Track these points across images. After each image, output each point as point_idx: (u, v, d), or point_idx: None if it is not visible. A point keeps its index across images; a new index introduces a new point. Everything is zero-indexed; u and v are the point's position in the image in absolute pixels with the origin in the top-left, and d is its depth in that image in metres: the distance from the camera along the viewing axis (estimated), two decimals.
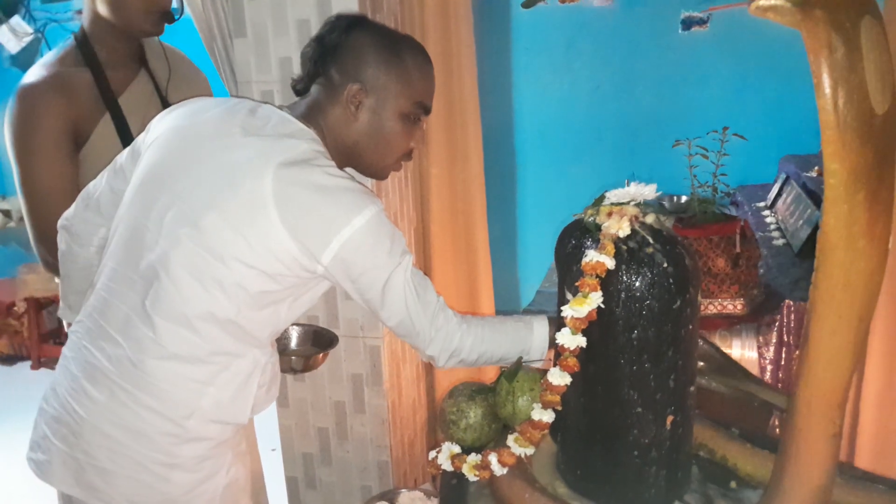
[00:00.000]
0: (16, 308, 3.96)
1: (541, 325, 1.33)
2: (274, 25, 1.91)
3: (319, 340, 1.60)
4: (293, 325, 1.60)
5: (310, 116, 1.25)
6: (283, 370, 1.53)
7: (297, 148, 1.17)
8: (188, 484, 1.25)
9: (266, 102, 1.31)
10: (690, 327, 1.19)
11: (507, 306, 2.97)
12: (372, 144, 1.26)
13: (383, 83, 1.23)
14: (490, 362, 1.33)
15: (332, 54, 1.24)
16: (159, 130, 1.29)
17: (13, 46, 3.96)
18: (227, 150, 1.18)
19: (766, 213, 2.92)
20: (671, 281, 1.13)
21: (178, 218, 1.18)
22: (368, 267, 1.18)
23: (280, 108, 1.28)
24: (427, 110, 1.29)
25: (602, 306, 1.14)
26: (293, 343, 1.60)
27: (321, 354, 1.55)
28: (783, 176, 2.96)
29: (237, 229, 1.14)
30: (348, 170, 1.30)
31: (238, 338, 1.22)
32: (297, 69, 1.91)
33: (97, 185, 1.37)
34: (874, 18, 0.83)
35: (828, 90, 0.83)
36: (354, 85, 1.22)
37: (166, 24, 1.73)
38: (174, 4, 1.74)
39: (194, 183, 1.18)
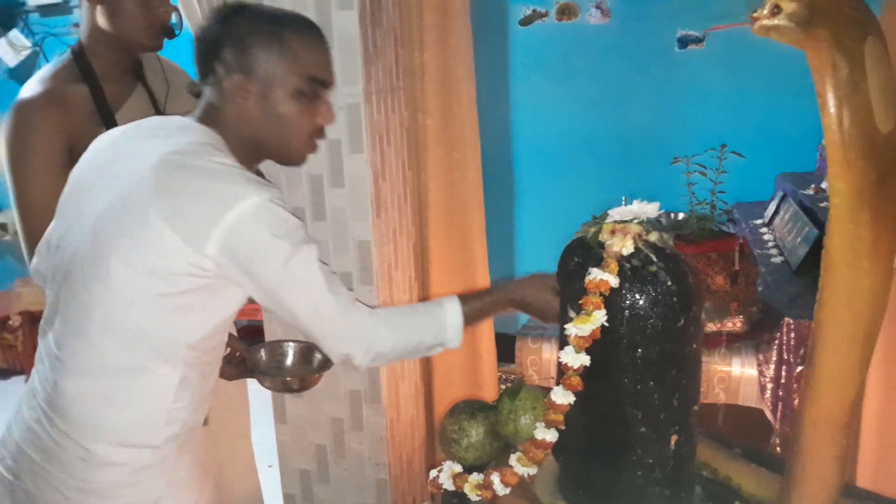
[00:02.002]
0: (10, 322, 3.93)
1: (453, 305, 1.26)
2: None
3: (315, 359, 1.56)
4: (289, 342, 1.57)
5: (206, 118, 1.20)
6: (278, 389, 1.51)
7: (182, 140, 1.13)
8: None
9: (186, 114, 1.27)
10: (694, 345, 1.18)
11: (505, 323, 2.96)
12: (272, 131, 1.19)
13: (266, 67, 1.16)
14: (408, 351, 1.23)
15: (212, 50, 1.18)
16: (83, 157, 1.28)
17: (11, 59, 3.96)
18: (125, 157, 1.16)
19: (764, 230, 2.93)
20: (675, 299, 1.13)
21: (79, 231, 1.15)
22: (260, 256, 1.09)
23: (185, 114, 1.24)
24: (325, 83, 1.21)
25: (606, 324, 1.13)
26: (288, 361, 1.57)
27: (316, 375, 1.52)
28: (780, 193, 2.97)
29: (123, 231, 1.09)
30: (270, 164, 1.26)
31: (138, 352, 1.14)
32: None
33: (51, 229, 1.32)
34: (877, 38, 0.83)
35: (832, 109, 0.84)
36: (236, 76, 1.16)
37: (166, 40, 1.73)
38: (174, 19, 1.74)
39: (95, 196, 1.16)
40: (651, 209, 1.17)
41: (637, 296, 1.13)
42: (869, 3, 0.90)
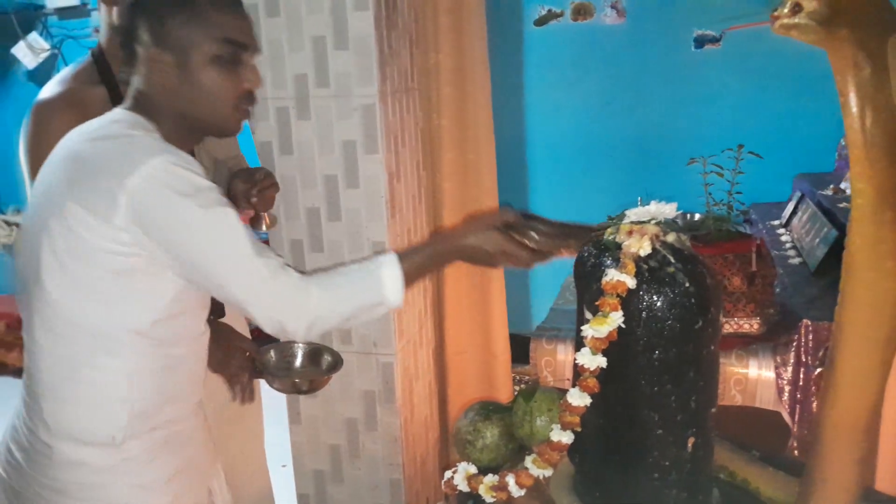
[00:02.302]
0: None
1: (389, 260, 1.17)
2: (289, 42, 1.92)
3: (324, 361, 1.56)
4: (298, 343, 1.56)
5: (135, 105, 1.18)
6: (287, 391, 1.50)
7: (99, 122, 1.14)
8: None
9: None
10: (712, 347, 1.17)
11: (519, 323, 2.96)
12: (195, 101, 1.15)
13: (180, 34, 1.13)
14: (348, 313, 1.14)
15: (130, 32, 1.16)
16: None
17: (30, 62, 4.00)
18: (57, 156, 1.17)
19: (781, 231, 2.90)
20: (693, 300, 1.12)
21: (24, 231, 1.17)
22: (170, 219, 1.05)
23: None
24: (244, 46, 1.17)
25: (622, 326, 1.12)
26: (297, 362, 1.56)
27: (325, 377, 1.51)
28: (798, 194, 2.95)
29: (45, 224, 1.09)
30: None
31: (80, 343, 1.11)
32: (312, 86, 1.92)
33: None
34: None
35: (854, 109, 0.83)
36: (153, 49, 1.13)
37: None
38: None
39: (35, 195, 1.18)
40: (669, 210, 1.16)
41: (654, 297, 1.12)
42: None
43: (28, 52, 3.98)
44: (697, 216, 2.73)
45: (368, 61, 1.87)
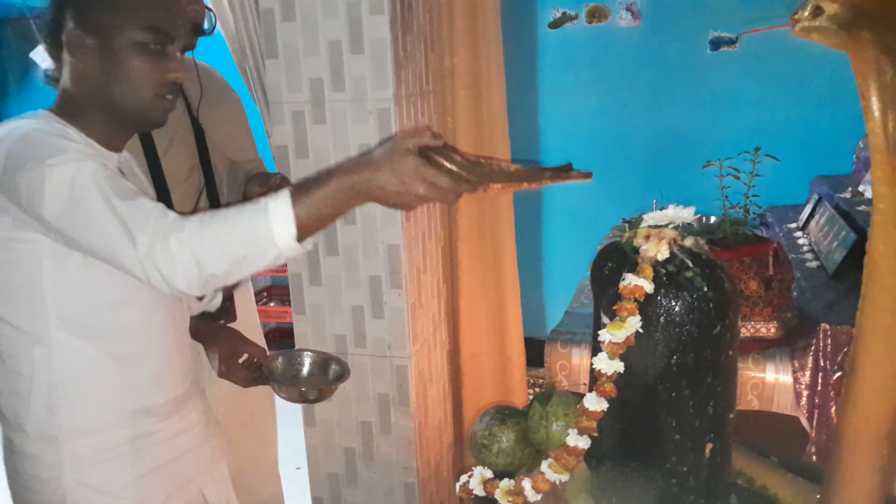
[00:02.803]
0: None
1: (280, 196, 0.99)
2: (305, 46, 1.93)
3: (332, 370, 1.54)
4: (307, 352, 1.55)
5: (58, 107, 1.17)
6: (293, 399, 1.48)
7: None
8: None
9: None
10: (730, 353, 1.16)
11: (534, 327, 2.95)
12: (116, 88, 1.12)
13: (102, 18, 1.10)
14: (231, 251, 0.99)
15: (56, 23, 1.15)
16: None
17: (48, 65, 4.04)
18: None
19: (798, 234, 2.87)
20: (711, 305, 1.11)
21: None
22: (33, 185, 1.01)
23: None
24: (170, 37, 1.13)
25: (640, 331, 1.12)
26: (304, 371, 1.55)
27: (332, 387, 1.50)
28: (815, 197, 2.92)
29: None
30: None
31: (11, 338, 1.12)
32: (328, 90, 1.93)
33: None
34: None
35: (877, 113, 0.82)
36: (75, 33, 1.11)
37: (199, 38, 1.75)
38: (207, 21, 1.76)
39: None
40: (687, 214, 1.15)
41: (672, 302, 1.12)
42: None
43: (46, 56, 4.01)
44: (714, 219, 2.72)
45: (384, 65, 1.87)
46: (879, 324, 0.93)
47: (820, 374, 2.05)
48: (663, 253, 1.12)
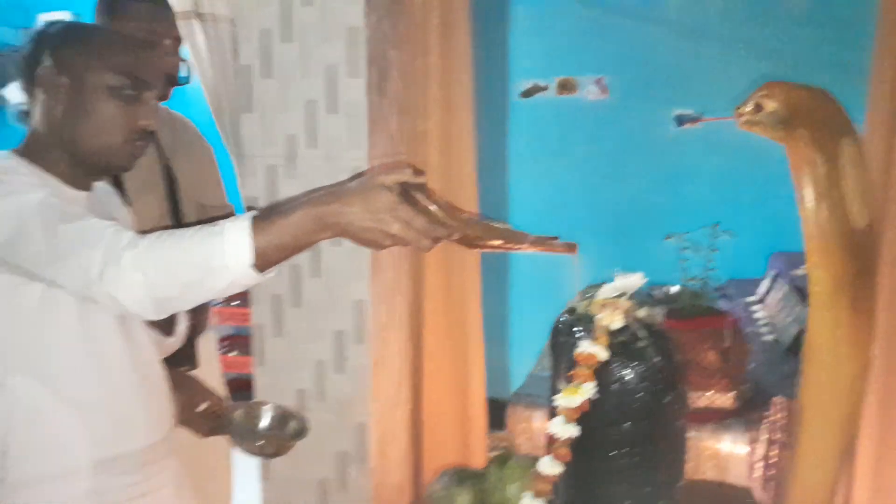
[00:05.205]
0: None
1: (240, 221, 0.95)
2: (281, 103, 1.98)
3: (291, 426, 1.52)
4: (268, 405, 1.53)
5: (28, 141, 1.17)
6: (251, 452, 1.46)
7: None
8: None
9: None
10: (680, 421, 1.20)
11: (497, 388, 2.95)
12: (84, 130, 1.11)
13: (77, 60, 1.11)
14: (180, 282, 0.96)
15: (32, 62, 1.14)
16: None
17: (18, 101, 4.04)
18: None
19: (757, 307, 2.96)
20: (662, 375, 1.15)
21: None
22: None
23: None
24: (144, 83, 1.14)
25: (594, 397, 1.15)
26: (263, 424, 1.52)
27: (290, 443, 1.48)
28: (773, 272, 3.01)
29: None
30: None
31: None
32: (303, 146, 1.97)
33: None
34: (853, 140, 0.88)
35: (810, 203, 0.88)
36: (49, 71, 1.11)
37: (174, 88, 1.79)
38: (182, 72, 1.81)
39: None
40: (635, 280, 1.20)
41: (625, 370, 1.15)
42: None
43: (19, 92, 4.01)
44: (675, 288, 2.79)
45: (359, 126, 1.93)
46: (818, 399, 0.98)
47: (773, 446, 2.09)
48: (617, 322, 1.16)
